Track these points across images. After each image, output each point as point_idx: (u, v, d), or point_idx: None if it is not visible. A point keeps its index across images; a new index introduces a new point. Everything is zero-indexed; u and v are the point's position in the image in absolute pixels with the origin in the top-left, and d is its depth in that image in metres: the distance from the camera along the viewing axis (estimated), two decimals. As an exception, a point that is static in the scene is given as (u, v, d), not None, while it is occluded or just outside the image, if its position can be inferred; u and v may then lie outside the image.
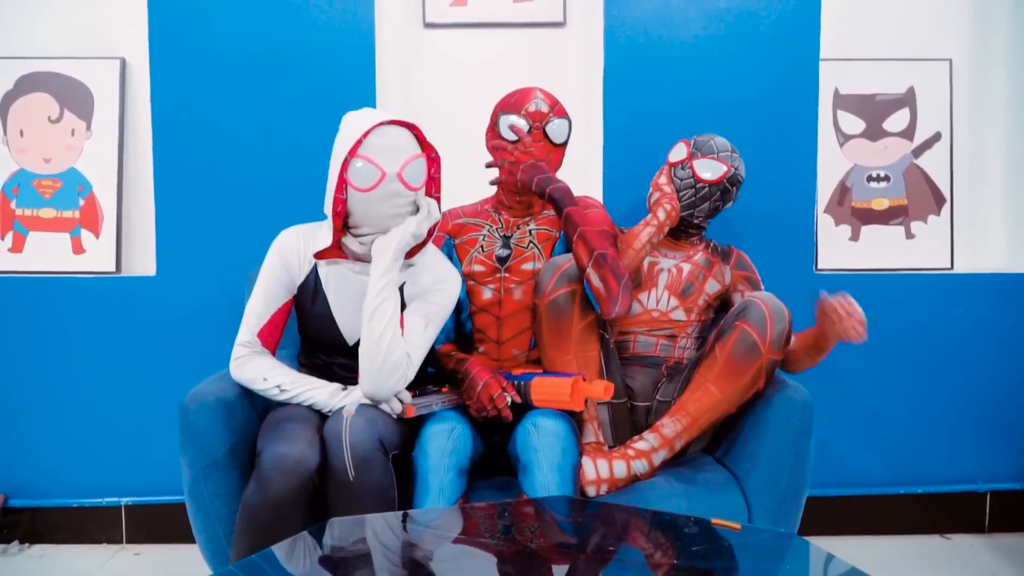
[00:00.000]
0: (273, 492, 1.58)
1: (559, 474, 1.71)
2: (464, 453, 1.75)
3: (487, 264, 2.05)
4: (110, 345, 2.51)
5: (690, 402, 1.91)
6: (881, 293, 2.59)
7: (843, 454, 2.63)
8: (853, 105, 2.68)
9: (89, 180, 2.57)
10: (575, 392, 1.79)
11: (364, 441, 1.63)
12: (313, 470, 1.62)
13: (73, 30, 2.59)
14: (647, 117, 2.50)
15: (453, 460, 1.73)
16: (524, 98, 2.02)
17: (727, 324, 1.93)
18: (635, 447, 1.89)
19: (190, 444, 1.78)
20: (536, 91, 2.04)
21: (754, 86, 2.50)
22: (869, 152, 2.68)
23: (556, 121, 2.02)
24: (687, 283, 2.17)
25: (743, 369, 1.87)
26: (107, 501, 2.55)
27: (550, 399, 1.80)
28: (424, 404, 1.78)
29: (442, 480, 1.70)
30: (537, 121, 2.00)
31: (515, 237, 2.07)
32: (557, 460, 1.72)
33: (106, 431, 2.54)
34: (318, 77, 2.47)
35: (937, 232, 2.68)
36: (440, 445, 1.73)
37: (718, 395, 1.89)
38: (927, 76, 2.68)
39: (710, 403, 1.90)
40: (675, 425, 1.91)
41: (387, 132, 1.77)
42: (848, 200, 2.68)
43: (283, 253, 1.87)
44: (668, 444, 1.90)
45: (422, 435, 1.77)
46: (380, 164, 1.75)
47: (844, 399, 2.62)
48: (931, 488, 2.64)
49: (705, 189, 2.12)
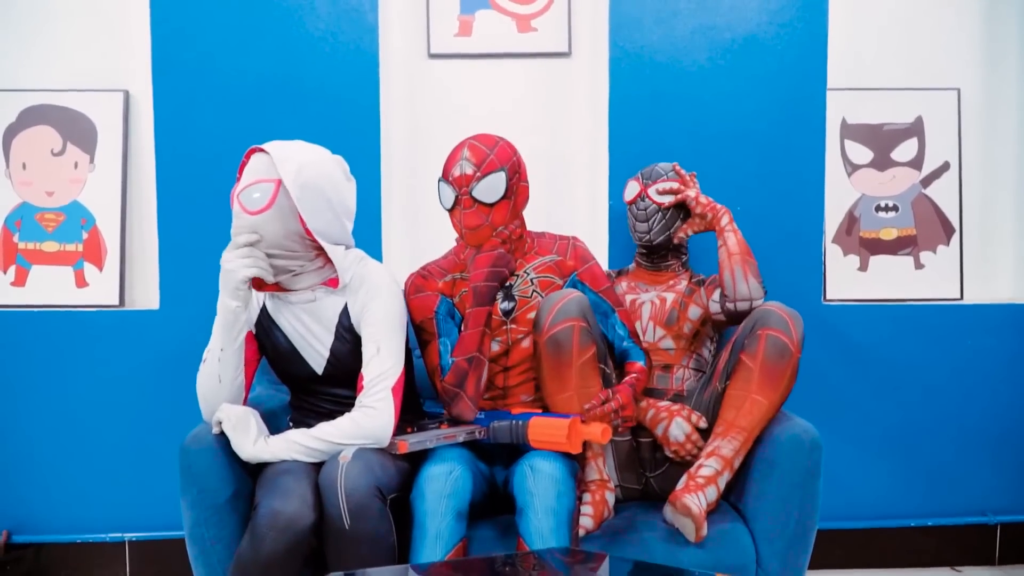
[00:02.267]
0: (266, 550, 1.57)
1: (554, 518, 1.68)
2: (463, 496, 1.72)
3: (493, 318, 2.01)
4: (114, 379, 2.50)
5: (740, 417, 1.90)
6: (890, 324, 2.57)
7: (852, 486, 2.61)
8: (861, 135, 2.66)
9: (92, 213, 2.56)
10: (572, 434, 1.77)
11: (360, 488, 1.61)
12: (308, 528, 1.60)
13: (76, 62, 2.58)
14: (653, 147, 2.48)
15: (451, 503, 1.70)
16: (451, 161, 1.95)
17: (746, 336, 1.92)
18: (702, 475, 1.87)
19: (191, 486, 1.76)
20: (463, 150, 1.94)
21: (761, 115, 2.49)
22: (877, 182, 2.66)
23: (484, 181, 1.91)
24: (671, 311, 2.15)
25: (780, 372, 1.87)
26: (111, 536, 2.53)
27: (547, 440, 1.77)
28: (418, 441, 1.75)
29: (439, 525, 1.67)
30: (463, 187, 1.93)
31: (517, 287, 2.02)
32: (552, 504, 1.69)
33: (110, 466, 2.52)
34: (323, 109, 2.46)
35: (946, 262, 2.66)
36: (438, 488, 1.70)
37: (765, 403, 1.89)
38: (935, 105, 2.66)
39: (760, 413, 1.89)
40: (732, 444, 1.89)
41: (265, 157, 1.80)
42: (856, 230, 2.66)
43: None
44: (729, 465, 1.89)
45: (419, 477, 1.74)
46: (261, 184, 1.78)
47: (853, 431, 2.60)
48: (941, 520, 2.61)
49: (670, 211, 2.14)
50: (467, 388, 1.87)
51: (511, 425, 1.82)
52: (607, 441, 1.77)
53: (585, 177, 2.62)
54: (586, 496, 1.90)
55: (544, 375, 1.89)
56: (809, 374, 2.57)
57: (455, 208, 1.95)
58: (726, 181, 2.50)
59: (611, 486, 1.94)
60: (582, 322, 1.85)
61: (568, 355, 1.85)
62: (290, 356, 1.88)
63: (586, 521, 1.85)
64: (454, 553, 1.68)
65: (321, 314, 1.86)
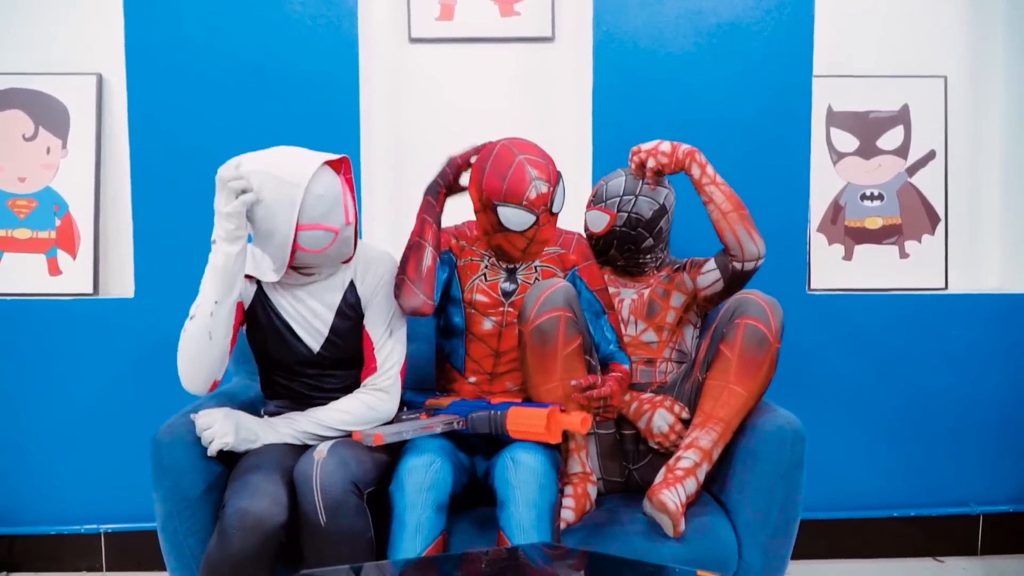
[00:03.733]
0: (235, 550, 1.55)
1: (535, 511, 1.66)
2: (443, 488, 1.69)
3: (491, 296, 2.00)
4: (88, 369, 2.46)
5: (718, 408, 1.88)
6: (874, 313, 2.56)
7: (835, 476, 2.60)
8: (846, 122, 2.64)
9: (65, 199, 2.51)
10: (551, 424, 1.74)
11: (336, 484, 1.59)
12: (278, 526, 1.58)
13: (48, 45, 2.53)
14: (637, 133, 2.44)
15: (431, 496, 1.67)
16: (520, 184, 1.86)
17: (725, 325, 1.90)
18: (680, 467, 1.85)
19: (163, 479, 1.73)
20: (527, 169, 1.87)
21: (746, 102, 2.46)
22: (863, 170, 2.65)
23: (557, 193, 1.91)
24: (650, 302, 2.12)
25: (759, 362, 1.85)
26: (86, 528, 2.49)
27: (525, 431, 1.74)
28: (395, 432, 1.72)
29: (419, 518, 1.65)
30: (543, 206, 1.89)
31: (521, 271, 2.02)
32: (533, 497, 1.67)
33: (84, 457, 2.49)
34: (301, 93, 2.42)
35: (931, 251, 2.65)
36: (418, 480, 1.68)
37: (744, 393, 1.87)
38: (921, 93, 2.65)
39: (738, 404, 1.87)
40: (711, 435, 1.87)
41: (318, 191, 1.71)
42: (841, 219, 2.65)
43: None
44: (708, 456, 1.87)
45: (399, 469, 1.71)
46: (330, 225, 1.73)
47: (836, 421, 2.59)
48: (924, 511, 2.61)
49: (602, 240, 2.11)
50: (407, 271, 1.86)
51: (490, 415, 1.80)
52: (586, 431, 1.75)
53: (570, 162, 2.60)
54: (568, 489, 1.89)
55: (529, 365, 1.86)
56: (793, 364, 2.55)
57: (529, 228, 1.90)
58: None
59: (593, 479, 1.93)
60: (568, 312, 1.83)
61: (553, 345, 1.82)
62: (283, 335, 1.84)
63: (567, 514, 1.83)
64: (433, 547, 1.66)
65: (325, 291, 1.85)
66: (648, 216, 2.07)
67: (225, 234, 1.68)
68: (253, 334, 1.87)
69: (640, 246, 2.10)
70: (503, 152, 1.89)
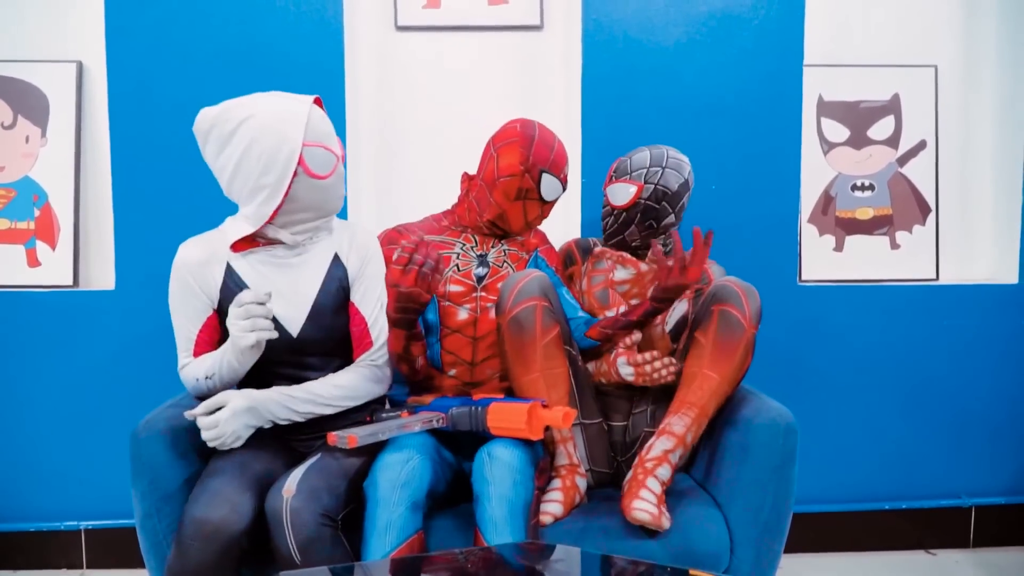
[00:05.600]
0: (194, 561, 1.50)
1: (508, 507, 1.63)
2: (419, 485, 1.65)
3: (465, 284, 1.98)
4: (68, 363, 2.42)
5: (691, 393, 1.85)
6: (865, 304, 2.55)
7: (826, 469, 2.59)
8: (837, 112, 2.62)
9: (44, 189, 2.47)
10: (532, 420, 1.70)
11: (308, 522, 1.53)
12: (238, 534, 1.52)
13: (27, 31, 2.48)
14: (627, 123, 2.44)
15: (405, 493, 1.62)
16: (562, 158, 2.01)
17: (702, 313, 1.89)
18: (652, 456, 1.81)
19: (141, 475, 1.70)
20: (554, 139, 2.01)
21: (736, 92, 2.44)
22: (853, 160, 2.63)
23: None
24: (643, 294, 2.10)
25: (733, 346, 1.82)
26: (66, 525, 2.46)
27: (506, 427, 1.71)
28: (370, 433, 1.66)
29: (391, 515, 1.60)
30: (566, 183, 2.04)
31: (492, 255, 2.03)
32: (507, 493, 1.64)
33: (64, 452, 2.45)
34: (285, 81, 2.38)
35: (922, 242, 2.64)
36: (392, 477, 1.63)
37: (716, 378, 1.83)
38: (912, 83, 2.63)
39: (711, 388, 1.84)
40: (684, 420, 1.83)
41: (321, 114, 1.74)
42: (832, 210, 2.63)
43: (188, 266, 1.74)
44: (681, 441, 1.83)
45: (374, 465, 1.68)
46: (333, 149, 1.73)
47: (826, 413, 2.58)
48: (916, 503, 2.61)
49: (624, 214, 2.07)
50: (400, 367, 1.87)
51: (471, 411, 1.76)
52: (569, 426, 1.72)
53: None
54: (555, 482, 1.86)
55: (508, 357, 1.84)
56: (783, 355, 2.54)
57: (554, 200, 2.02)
58: (701, 159, 2.45)
59: (582, 471, 1.90)
60: (544, 301, 1.82)
61: (531, 335, 1.80)
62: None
63: (555, 508, 1.79)
64: (407, 546, 1.61)
65: (306, 265, 1.79)
66: (674, 189, 2.05)
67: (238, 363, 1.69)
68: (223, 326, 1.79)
69: (661, 223, 2.07)
70: (544, 129, 1.99)
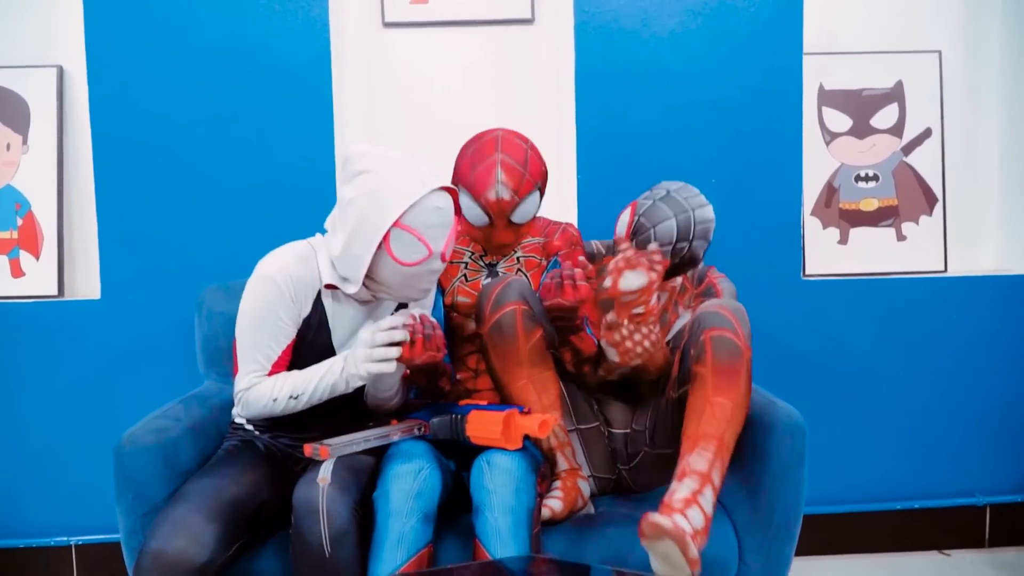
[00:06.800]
0: None
1: (511, 516, 1.58)
2: (431, 496, 1.61)
3: (472, 295, 1.96)
4: (54, 374, 2.38)
5: (704, 424, 1.65)
6: (871, 298, 2.50)
7: (835, 469, 2.54)
8: (839, 101, 2.57)
9: (27, 198, 2.42)
10: (509, 428, 1.64)
11: (342, 513, 1.51)
12: (198, 567, 1.44)
13: (5, 36, 2.44)
14: (622, 118, 2.39)
15: (418, 504, 1.58)
16: (483, 182, 1.85)
17: (692, 344, 1.73)
18: (678, 499, 1.58)
19: (126, 491, 1.67)
20: (496, 170, 1.84)
21: (734, 83, 2.40)
22: (856, 150, 2.58)
23: (522, 206, 1.88)
24: (664, 314, 2.00)
25: (735, 370, 1.67)
26: (56, 541, 2.41)
27: (484, 436, 1.65)
28: (344, 444, 1.61)
29: (403, 528, 1.56)
30: (500, 213, 1.87)
31: (502, 265, 1.99)
32: (510, 502, 1.59)
33: (53, 467, 2.40)
34: (271, 82, 2.34)
35: (929, 233, 2.59)
36: (405, 487, 1.59)
37: (728, 404, 1.66)
38: (916, 69, 2.58)
39: (725, 416, 1.65)
40: (704, 456, 1.63)
41: (438, 204, 1.64)
42: (836, 201, 2.58)
43: (292, 279, 1.68)
44: (707, 480, 1.61)
45: (384, 475, 1.62)
46: (429, 242, 1.64)
47: (835, 411, 2.53)
48: (928, 503, 2.55)
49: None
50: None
51: (451, 420, 1.71)
52: (547, 435, 1.64)
53: (552, 150, 2.52)
54: (556, 483, 1.80)
55: (495, 368, 1.79)
56: (788, 353, 2.49)
57: (484, 227, 1.91)
58: (699, 153, 2.42)
59: (583, 474, 1.84)
60: (523, 305, 1.76)
61: (514, 340, 1.75)
62: (321, 356, 1.75)
63: (554, 503, 1.73)
64: (417, 560, 1.56)
65: (378, 308, 1.81)
66: (701, 256, 1.97)
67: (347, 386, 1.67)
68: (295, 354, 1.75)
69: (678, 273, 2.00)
70: (488, 144, 1.87)
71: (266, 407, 1.68)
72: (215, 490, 1.57)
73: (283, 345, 1.70)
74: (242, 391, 1.69)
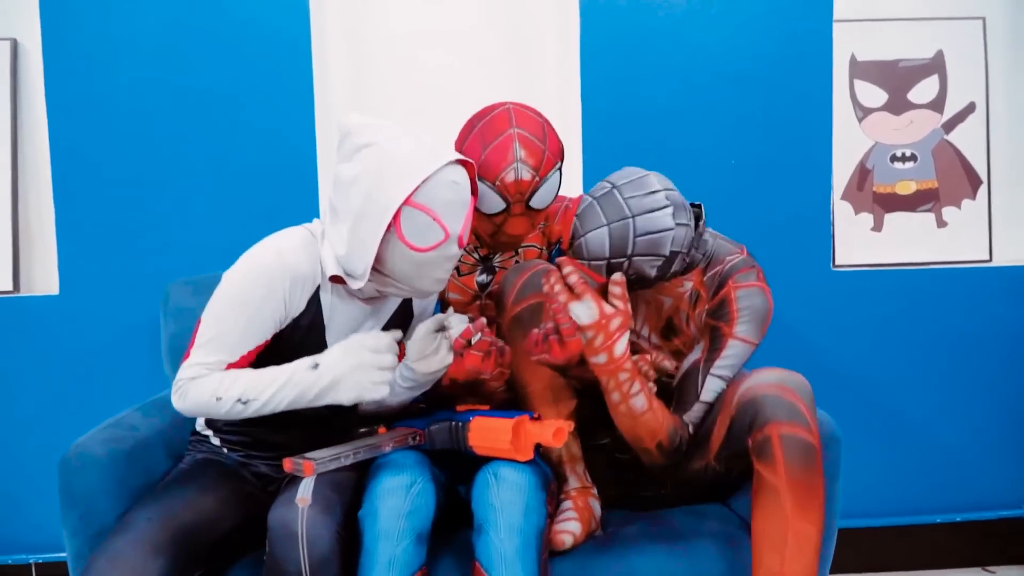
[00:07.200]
0: None
1: (519, 538, 1.45)
2: (426, 514, 1.49)
3: (465, 291, 1.82)
4: (8, 376, 2.30)
5: (789, 562, 1.45)
6: (909, 291, 2.41)
7: (869, 479, 2.44)
8: (873, 73, 2.46)
9: (-21, 186, 2.33)
10: (519, 437, 1.50)
11: (324, 536, 1.37)
12: None
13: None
14: (633, 94, 2.30)
15: (410, 524, 1.46)
16: (499, 161, 1.63)
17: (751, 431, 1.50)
18: None
19: (72, 510, 1.55)
20: (513, 146, 1.62)
21: (757, 54, 2.31)
22: (892, 128, 2.48)
23: (545, 186, 1.65)
24: (669, 320, 1.72)
25: (812, 478, 1.46)
26: (14, 559, 2.32)
27: (490, 446, 1.51)
28: (331, 457, 1.47)
29: (394, 551, 1.44)
30: (518, 195, 1.64)
31: (499, 258, 1.82)
32: (518, 522, 1.46)
33: (7, 478, 2.31)
34: (243, 47, 2.25)
35: (973, 219, 2.48)
36: (395, 505, 1.46)
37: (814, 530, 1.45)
38: (957, 37, 2.47)
39: (812, 545, 1.45)
40: None
41: (454, 178, 1.46)
42: (869, 184, 2.47)
43: (290, 274, 1.50)
44: None
45: (371, 491, 1.49)
46: (445, 222, 1.45)
47: (868, 415, 2.44)
48: (971, 515, 2.46)
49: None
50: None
51: (451, 427, 1.56)
52: (561, 443, 1.50)
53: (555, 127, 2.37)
54: (567, 503, 1.66)
55: (512, 365, 1.65)
56: (816, 352, 2.41)
57: (497, 215, 1.67)
58: (718, 131, 2.32)
59: (594, 492, 1.69)
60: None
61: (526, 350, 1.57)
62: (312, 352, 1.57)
63: (573, 525, 1.58)
64: None
65: (382, 307, 1.64)
66: (653, 275, 1.58)
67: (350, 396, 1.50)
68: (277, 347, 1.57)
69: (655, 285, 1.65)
70: (500, 118, 1.67)
71: (206, 405, 1.48)
72: (164, 517, 1.43)
73: (251, 346, 1.51)
74: (184, 380, 1.49)
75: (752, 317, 1.60)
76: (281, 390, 1.46)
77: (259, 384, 1.46)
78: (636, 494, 1.77)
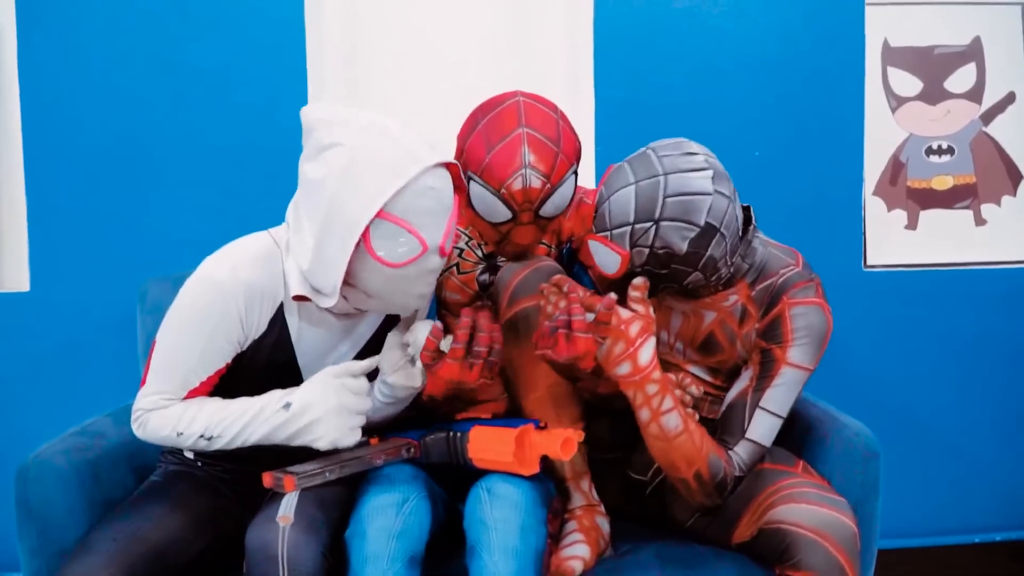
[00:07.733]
0: None
1: (515, 561, 1.36)
2: (419, 534, 1.40)
3: (465, 292, 1.71)
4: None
5: None
6: (946, 293, 2.39)
7: (908, 495, 2.41)
8: (907, 60, 2.40)
9: (-53, 177, 2.26)
10: (523, 449, 1.42)
11: (307, 560, 1.30)
12: None
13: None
14: (650, 81, 2.25)
15: (402, 546, 1.37)
16: (506, 165, 1.47)
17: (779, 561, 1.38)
18: None
19: (29, 526, 1.48)
20: (521, 150, 1.47)
21: (782, 40, 2.28)
22: (928, 118, 2.42)
23: (557, 194, 1.49)
24: (709, 337, 1.58)
25: None
26: (-19, 577, 2.26)
27: (492, 459, 1.42)
28: (315, 472, 1.39)
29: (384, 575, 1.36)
30: (526, 203, 1.49)
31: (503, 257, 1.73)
32: (513, 543, 1.37)
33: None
34: (231, 30, 2.20)
35: (1014, 216, 2.44)
36: (385, 525, 1.38)
37: None
38: (996, 23, 2.41)
39: None
40: None
41: (432, 183, 1.33)
42: (903, 179, 2.41)
43: (247, 290, 1.41)
44: None
45: (360, 509, 1.42)
46: (421, 233, 1.33)
47: (906, 428, 2.40)
48: (1013, 534, 2.44)
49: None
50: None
51: (448, 438, 1.48)
52: (570, 456, 1.40)
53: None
54: (571, 523, 1.54)
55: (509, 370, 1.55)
56: (847, 357, 2.36)
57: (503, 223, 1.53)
58: (741, 122, 2.28)
59: (602, 510, 1.58)
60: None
61: (533, 344, 1.47)
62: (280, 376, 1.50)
63: (582, 549, 1.46)
64: None
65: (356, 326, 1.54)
66: (684, 248, 1.42)
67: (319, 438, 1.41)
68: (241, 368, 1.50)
69: (684, 281, 1.50)
70: (507, 115, 1.51)
71: (168, 439, 1.43)
72: (129, 537, 1.36)
73: (210, 371, 1.43)
74: (143, 411, 1.43)
75: (809, 339, 1.47)
76: (248, 426, 1.40)
77: (224, 419, 1.41)
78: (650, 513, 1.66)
